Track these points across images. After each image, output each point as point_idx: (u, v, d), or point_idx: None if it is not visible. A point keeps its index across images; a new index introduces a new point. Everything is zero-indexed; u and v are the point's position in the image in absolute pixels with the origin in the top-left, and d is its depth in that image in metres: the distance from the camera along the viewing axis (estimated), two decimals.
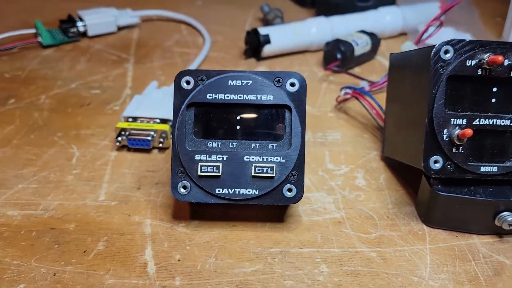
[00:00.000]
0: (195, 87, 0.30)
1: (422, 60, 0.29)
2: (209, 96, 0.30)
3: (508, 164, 0.29)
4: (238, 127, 0.30)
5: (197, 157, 0.29)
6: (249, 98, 0.29)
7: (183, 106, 0.30)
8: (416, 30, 0.56)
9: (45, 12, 0.65)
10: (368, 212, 0.32)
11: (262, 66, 0.52)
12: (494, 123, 0.29)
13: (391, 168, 0.37)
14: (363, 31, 0.52)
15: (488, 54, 0.28)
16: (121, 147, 0.39)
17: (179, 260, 0.29)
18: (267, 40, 0.51)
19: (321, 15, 0.57)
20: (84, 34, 0.58)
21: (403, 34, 0.58)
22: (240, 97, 0.29)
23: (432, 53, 0.28)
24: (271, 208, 0.32)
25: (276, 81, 0.30)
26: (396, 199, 0.34)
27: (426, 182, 0.30)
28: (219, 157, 0.29)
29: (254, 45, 0.52)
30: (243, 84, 0.29)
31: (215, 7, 0.69)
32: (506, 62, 0.28)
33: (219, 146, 0.30)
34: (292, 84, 0.30)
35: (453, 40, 0.28)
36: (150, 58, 0.54)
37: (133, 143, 0.38)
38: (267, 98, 0.29)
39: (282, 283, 0.27)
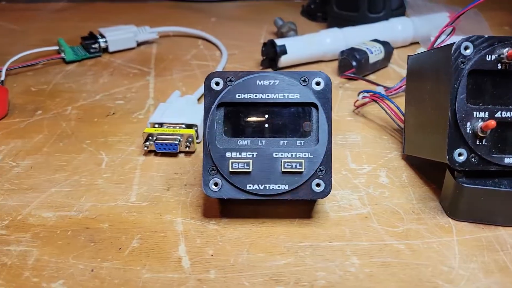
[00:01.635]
0: (224, 88, 0.31)
1: (442, 57, 0.31)
2: (238, 96, 0.31)
3: None
4: (266, 125, 0.31)
5: (228, 154, 0.30)
6: (277, 97, 0.31)
7: (213, 106, 0.31)
8: (427, 39, 0.57)
9: (65, 31, 0.68)
10: (394, 208, 0.33)
11: None
12: None
13: (413, 166, 0.37)
14: (376, 40, 0.53)
15: (507, 49, 0.29)
16: (148, 152, 0.40)
17: (212, 255, 0.29)
18: (283, 50, 0.53)
19: (333, 27, 0.59)
20: (105, 50, 0.60)
21: (414, 43, 0.60)
22: (268, 96, 0.31)
23: (453, 50, 0.29)
24: (299, 205, 0.33)
25: (302, 80, 0.31)
26: (420, 195, 0.34)
27: (451, 176, 0.31)
28: (249, 154, 0.30)
29: (271, 55, 0.53)
30: (271, 83, 0.31)
31: (229, 23, 0.71)
32: None
33: (249, 143, 0.31)
34: (318, 83, 0.31)
35: (472, 36, 0.29)
36: (170, 71, 0.55)
37: (161, 147, 0.39)
38: (294, 96, 0.31)
39: (314, 275, 0.28)
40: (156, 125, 0.41)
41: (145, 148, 0.39)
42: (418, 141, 0.35)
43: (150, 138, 0.39)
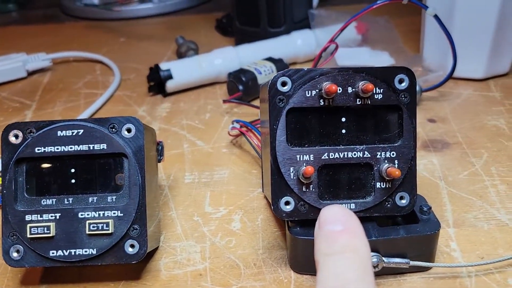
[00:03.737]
0: (23, 141, 0.27)
1: (265, 94, 0.27)
2: (38, 149, 0.27)
3: (367, 199, 0.27)
4: (73, 180, 0.27)
5: (28, 217, 0.27)
6: (81, 149, 0.27)
7: (11, 163, 0.27)
8: (330, 53, 0.54)
9: None
10: (235, 261, 0.30)
11: (167, 103, 0.50)
12: (346, 156, 0.26)
13: None
14: (269, 58, 0.50)
15: (326, 83, 0.25)
16: None
17: None
18: (168, 75, 0.49)
19: (240, 43, 0.55)
20: None
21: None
22: (71, 148, 0.27)
23: (269, 87, 0.26)
24: (128, 264, 0.30)
25: (110, 127, 0.27)
26: (269, 242, 0.31)
27: (287, 225, 0.28)
28: (51, 216, 0.27)
29: (158, 81, 0.50)
30: (74, 134, 0.27)
31: (137, 43, 0.67)
32: (350, 90, 0.26)
33: (54, 203, 0.27)
34: (128, 130, 0.27)
35: (290, 70, 0.26)
36: (54, 103, 0.52)
37: None
38: (100, 147, 0.27)
39: None
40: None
41: None
42: (265, 182, 0.31)
43: None
